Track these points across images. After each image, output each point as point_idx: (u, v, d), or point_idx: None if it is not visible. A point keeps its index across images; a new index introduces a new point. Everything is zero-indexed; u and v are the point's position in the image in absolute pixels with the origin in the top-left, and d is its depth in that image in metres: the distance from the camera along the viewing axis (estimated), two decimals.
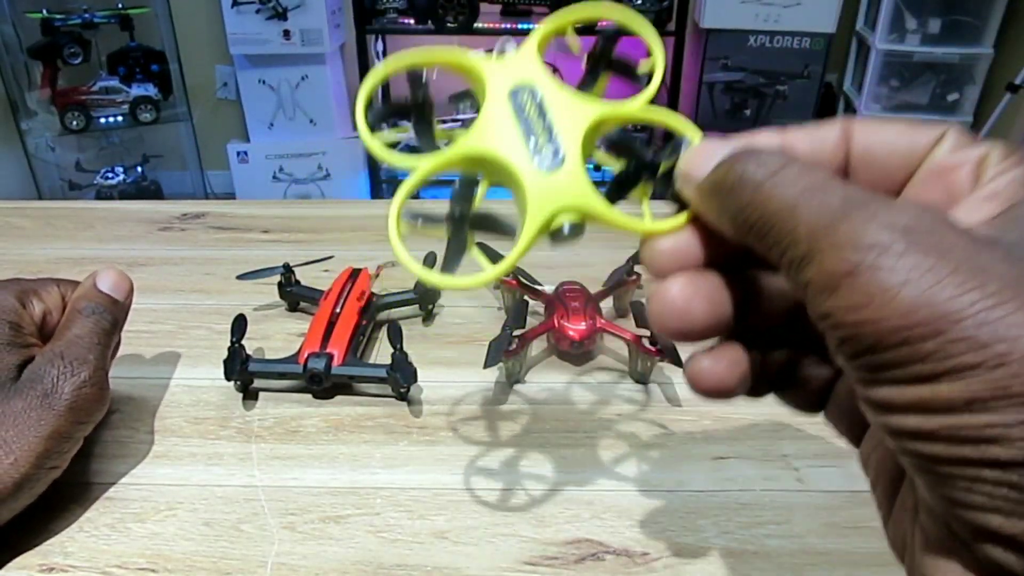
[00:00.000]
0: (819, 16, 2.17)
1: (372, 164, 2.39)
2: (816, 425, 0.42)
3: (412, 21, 2.23)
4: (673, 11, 2.19)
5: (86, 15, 2.22)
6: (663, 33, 2.25)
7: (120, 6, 2.28)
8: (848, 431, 0.24)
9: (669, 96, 2.27)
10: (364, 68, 2.22)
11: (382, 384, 0.44)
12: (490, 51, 0.25)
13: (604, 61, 0.26)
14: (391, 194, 2.59)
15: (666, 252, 0.23)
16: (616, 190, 0.24)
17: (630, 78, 0.26)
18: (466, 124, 0.25)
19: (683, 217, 0.23)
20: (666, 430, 0.42)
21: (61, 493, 0.37)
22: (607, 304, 0.52)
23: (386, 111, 0.25)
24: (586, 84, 0.26)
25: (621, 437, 0.42)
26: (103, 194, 2.39)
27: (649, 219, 0.23)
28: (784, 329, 0.24)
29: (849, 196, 0.18)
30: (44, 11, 2.19)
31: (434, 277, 0.23)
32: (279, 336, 0.51)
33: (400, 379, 0.43)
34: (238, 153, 2.47)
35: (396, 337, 0.44)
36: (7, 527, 0.34)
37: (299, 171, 2.50)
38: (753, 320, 0.23)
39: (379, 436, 0.42)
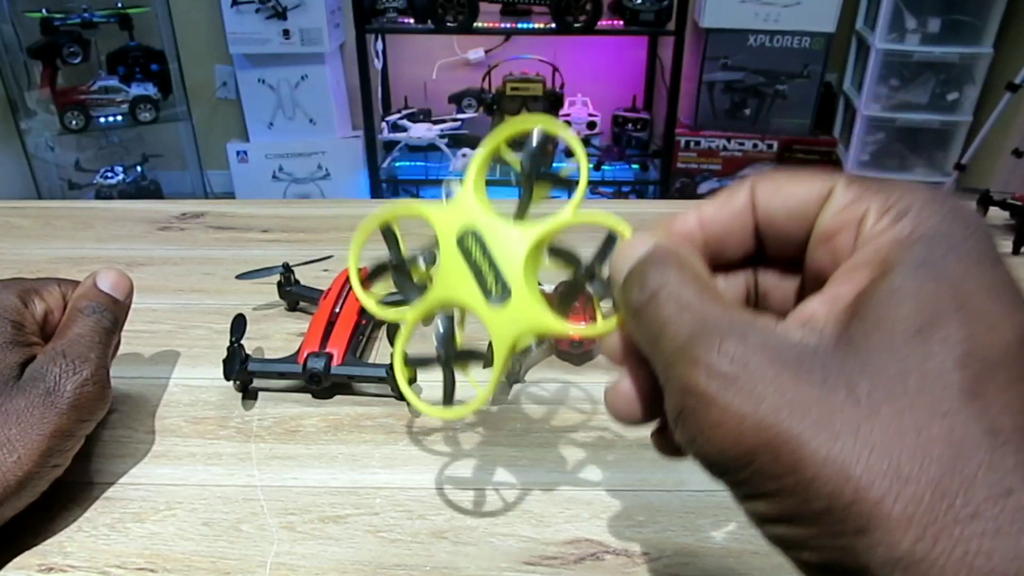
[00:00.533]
0: (819, 16, 2.17)
1: (372, 164, 2.39)
2: None
3: (412, 21, 2.23)
4: (673, 11, 2.19)
5: (86, 15, 2.22)
6: (663, 33, 2.26)
7: (120, 6, 2.28)
8: None
9: (669, 96, 2.27)
10: (364, 67, 2.22)
11: (382, 384, 0.44)
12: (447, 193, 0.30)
13: (534, 177, 0.29)
14: (391, 194, 2.60)
15: (616, 347, 0.25)
16: (567, 297, 0.29)
17: (562, 185, 0.29)
18: (465, 124, 0.27)
19: (614, 320, 0.25)
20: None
21: (60, 493, 0.37)
22: (606, 304, 0.51)
23: (375, 272, 0.33)
24: (524, 201, 0.29)
25: (621, 437, 0.42)
26: (103, 194, 2.39)
27: (600, 319, 0.26)
28: None
29: (696, 325, 0.20)
30: (44, 11, 2.19)
31: (438, 411, 0.30)
32: (278, 336, 0.51)
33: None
34: (238, 153, 2.47)
35: (395, 337, 0.43)
36: (6, 527, 0.34)
37: (299, 171, 2.50)
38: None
39: (378, 436, 0.42)
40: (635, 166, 2.47)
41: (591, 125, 2.44)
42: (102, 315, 0.39)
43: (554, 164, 0.29)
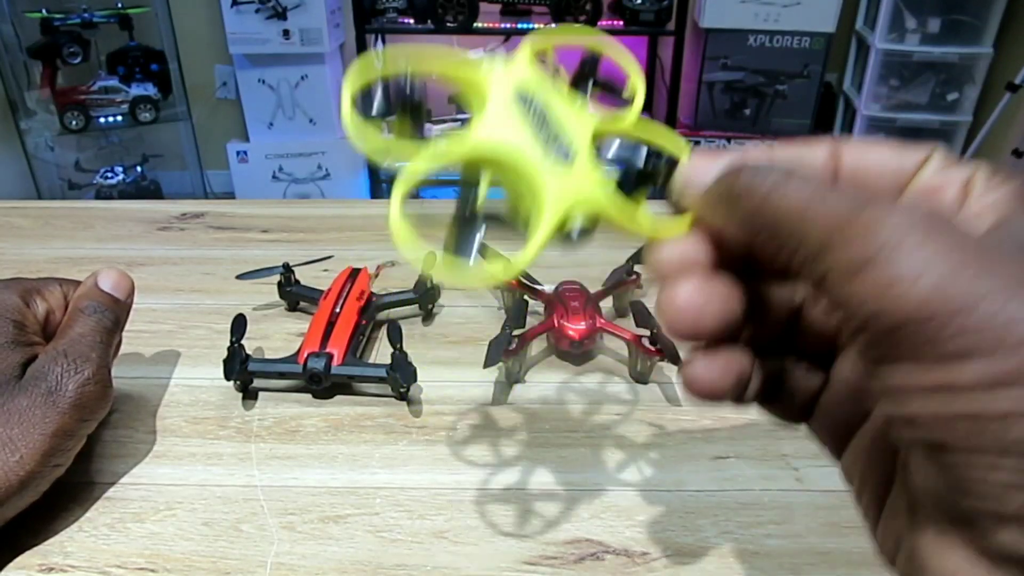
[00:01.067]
0: (819, 16, 2.17)
1: (372, 164, 2.39)
2: None
3: (412, 21, 2.23)
4: (673, 11, 2.19)
5: (85, 15, 2.21)
6: (663, 33, 2.26)
7: (120, 6, 2.28)
8: (831, 442, 0.24)
9: (669, 96, 2.27)
10: None
11: (382, 384, 0.44)
12: (480, 55, 0.25)
13: (590, 80, 0.26)
14: (390, 194, 2.60)
15: (674, 255, 0.23)
16: (630, 186, 0.25)
17: (615, 96, 0.27)
18: (465, 124, 0.25)
19: (686, 222, 0.23)
20: (665, 430, 0.42)
21: (61, 493, 0.37)
22: (607, 304, 0.52)
23: (383, 105, 0.24)
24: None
25: (620, 437, 0.42)
26: (103, 194, 2.39)
27: (653, 223, 0.24)
28: (776, 339, 0.24)
29: (859, 196, 0.19)
30: (44, 11, 2.19)
31: (450, 272, 0.22)
32: (279, 336, 0.51)
33: (400, 379, 0.43)
34: (238, 153, 2.47)
35: (396, 337, 0.44)
36: (7, 527, 0.34)
37: (299, 171, 2.50)
38: (751, 328, 0.23)
39: (379, 436, 0.42)
40: None
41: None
42: (103, 315, 0.39)
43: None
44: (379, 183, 2.42)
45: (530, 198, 0.23)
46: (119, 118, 2.35)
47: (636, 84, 0.25)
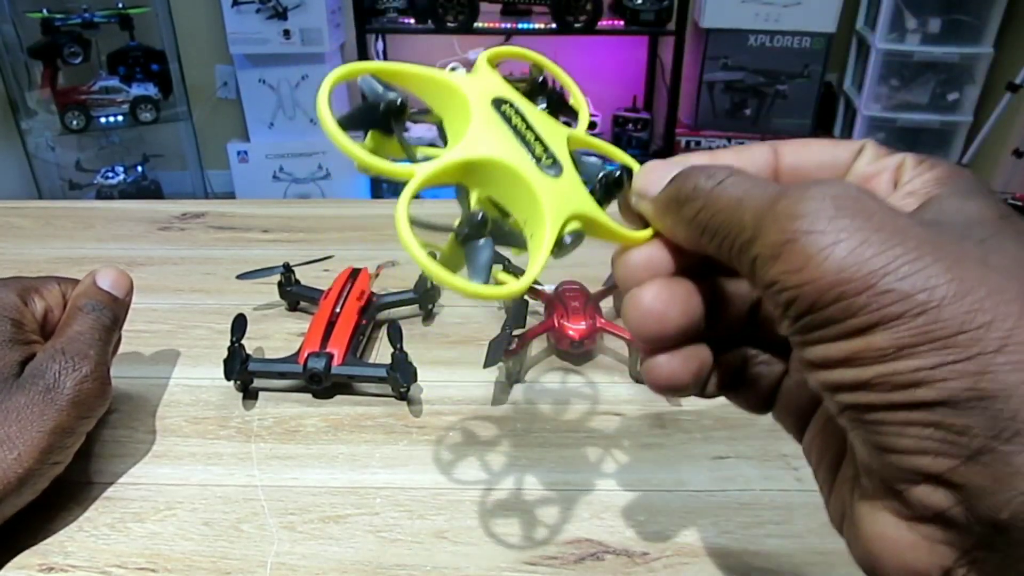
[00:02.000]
0: (819, 16, 2.17)
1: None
2: None
3: (412, 21, 2.23)
4: (673, 11, 2.19)
5: (86, 15, 2.22)
6: (663, 33, 2.25)
7: (120, 6, 2.28)
8: (794, 426, 0.26)
9: (669, 96, 2.27)
10: None
11: (382, 384, 0.44)
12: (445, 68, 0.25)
13: (543, 94, 0.27)
14: (392, 194, 2.59)
15: (638, 262, 0.24)
16: (604, 195, 0.26)
17: (564, 109, 0.28)
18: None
19: (649, 230, 0.24)
20: (666, 430, 0.42)
21: (61, 492, 0.37)
22: (607, 304, 0.52)
23: (359, 115, 0.24)
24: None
25: (621, 437, 0.42)
26: (103, 194, 2.39)
27: (623, 231, 0.25)
28: (737, 331, 0.26)
29: (784, 186, 0.20)
30: (44, 11, 2.19)
31: (466, 285, 0.22)
32: (279, 336, 0.51)
33: (400, 379, 0.43)
34: (238, 153, 2.47)
35: (396, 337, 0.44)
36: (6, 526, 0.34)
37: (299, 171, 2.50)
38: (713, 324, 0.25)
39: (379, 436, 0.42)
40: None
41: (591, 125, 2.43)
42: (101, 313, 0.39)
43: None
44: (379, 183, 2.42)
45: (523, 208, 0.24)
46: (120, 118, 2.35)
47: (579, 99, 0.27)
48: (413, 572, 0.34)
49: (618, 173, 0.25)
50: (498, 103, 0.24)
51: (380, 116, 0.24)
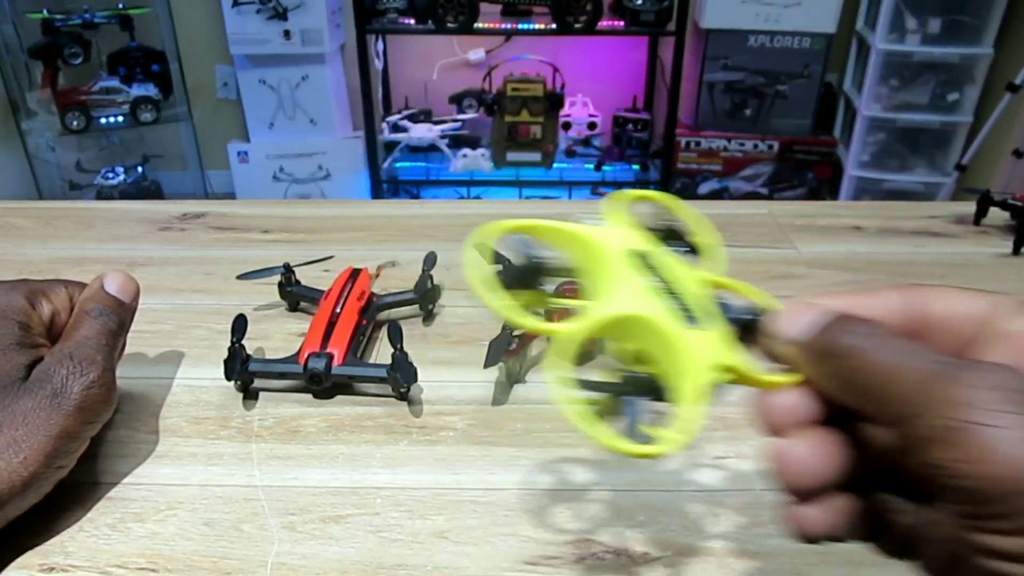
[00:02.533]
0: (819, 16, 2.17)
1: (372, 164, 2.39)
2: None
3: (412, 21, 2.23)
4: (673, 11, 2.19)
5: (86, 15, 2.22)
6: (663, 33, 2.25)
7: (120, 6, 2.28)
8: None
9: (669, 96, 2.27)
10: (364, 68, 2.22)
11: (382, 384, 0.44)
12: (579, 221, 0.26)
13: (671, 236, 0.28)
14: (391, 194, 2.58)
15: (783, 408, 0.24)
16: (742, 340, 0.26)
17: (687, 250, 0.29)
18: (465, 125, 0.26)
19: (794, 375, 0.24)
20: None
21: (62, 493, 0.37)
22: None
23: (518, 273, 0.25)
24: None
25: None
26: (103, 194, 2.39)
27: (769, 377, 0.24)
28: (879, 475, 0.25)
29: (943, 360, 0.20)
30: (44, 11, 2.19)
31: (629, 447, 0.23)
32: (279, 336, 0.51)
33: (400, 379, 0.43)
34: (238, 153, 2.47)
35: (396, 337, 0.44)
36: (7, 527, 0.34)
37: (299, 171, 2.50)
38: (854, 467, 0.24)
39: (379, 436, 0.42)
40: (635, 166, 2.47)
41: (591, 125, 2.44)
42: (108, 318, 0.40)
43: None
44: (379, 183, 2.42)
45: (666, 361, 0.24)
46: (120, 118, 2.35)
47: (710, 239, 0.27)
48: (413, 572, 0.34)
49: (756, 317, 0.25)
50: (636, 254, 0.25)
51: (526, 276, 0.26)
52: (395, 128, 2.38)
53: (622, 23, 2.23)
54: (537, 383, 0.46)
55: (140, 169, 2.48)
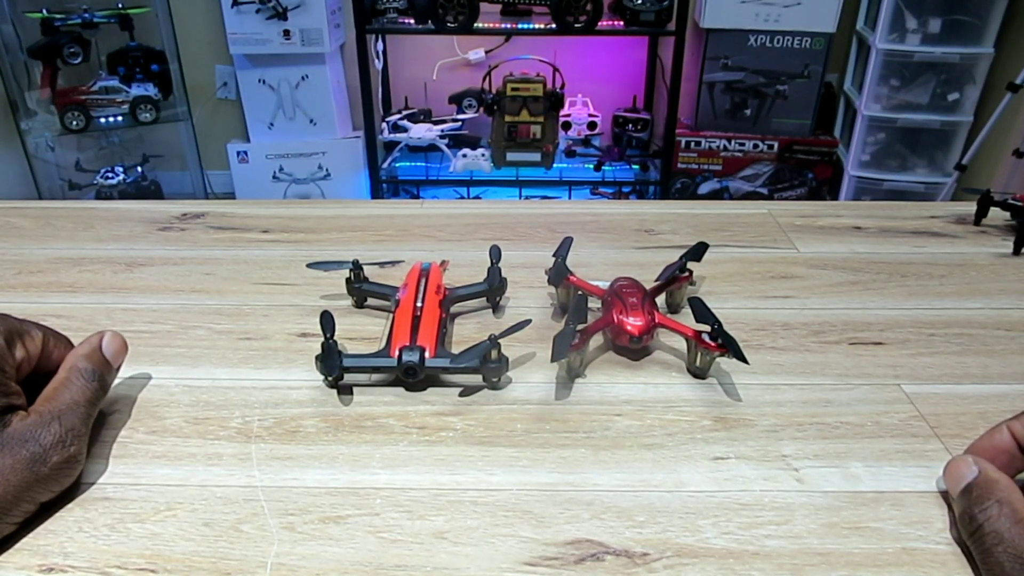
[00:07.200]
0: (819, 16, 2.17)
1: (372, 164, 2.39)
2: (816, 425, 0.42)
3: (412, 21, 2.23)
4: (673, 11, 2.19)
5: (86, 15, 2.22)
6: (663, 33, 2.25)
7: (120, 6, 2.28)
8: None
9: (669, 96, 2.27)
10: (364, 68, 2.22)
11: (475, 375, 0.45)
12: None
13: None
14: (391, 194, 2.58)
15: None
16: None
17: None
18: (465, 124, 0.26)
19: None
20: (666, 430, 0.42)
21: (61, 493, 0.37)
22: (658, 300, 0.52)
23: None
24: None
25: (621, 437, 0.42)
26: (103, 194, 2.39)
27: None
28: None
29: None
30: (44, 11, 2.19)
31: None
32: (279, 336, 0.51)
33: (493, 370, 0.44)
34: (238, 153, 2.47)
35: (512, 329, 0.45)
36: None
37: (299, 171, 2.50)
38: None
39: (379, 436, 0.42)
40: (635, 166, 2.47)
41: (591, 125, 2.44)
42: (100, 383, 0.39)
43: None
44: (379, 183, 2.42)
45: None
46: (119, 118, 2.35)
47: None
48: (413, 572, 0.34)
49: None
50: None
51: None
52: (395, 128, 2.38)
53: (622, 23, 2.23)
54: (538, 383, 0.46)
55: (140, 169, 2.48)
